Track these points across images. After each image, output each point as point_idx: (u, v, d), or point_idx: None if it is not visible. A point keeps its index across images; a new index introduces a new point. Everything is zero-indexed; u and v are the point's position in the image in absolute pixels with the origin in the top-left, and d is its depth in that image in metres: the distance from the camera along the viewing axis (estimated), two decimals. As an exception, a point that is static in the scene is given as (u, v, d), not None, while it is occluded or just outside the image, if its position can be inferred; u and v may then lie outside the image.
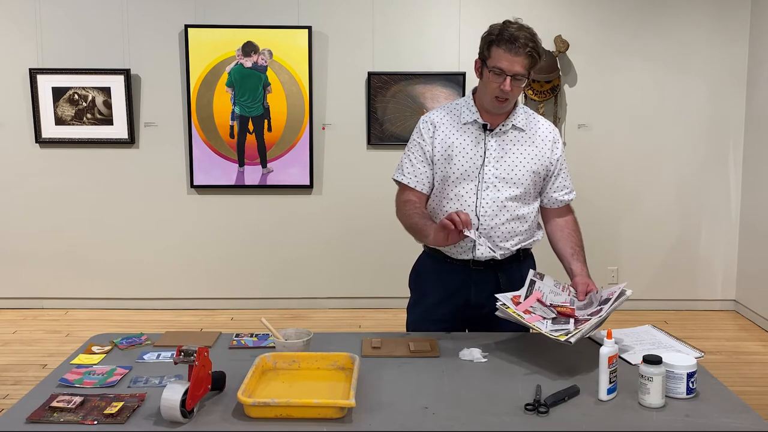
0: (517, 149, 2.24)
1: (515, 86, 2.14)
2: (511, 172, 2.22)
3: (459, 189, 2.22)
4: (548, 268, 2.37)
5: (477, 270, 2.26)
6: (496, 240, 2.23)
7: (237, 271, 4.98)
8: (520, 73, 2.12)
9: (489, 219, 2.21)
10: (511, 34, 2.12)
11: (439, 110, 2.33)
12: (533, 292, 2.09)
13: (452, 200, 2.24)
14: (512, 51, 2.11)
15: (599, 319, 1.97)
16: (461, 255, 2.25)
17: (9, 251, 4.94)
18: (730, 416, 1.66)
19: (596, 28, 4.78)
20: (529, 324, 1.99)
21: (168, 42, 4.76)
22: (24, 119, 4.81)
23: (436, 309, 2.31)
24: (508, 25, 2.17)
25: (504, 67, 2.12)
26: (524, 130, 2.26)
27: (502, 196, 2.22)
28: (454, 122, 2.27)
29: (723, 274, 5.01)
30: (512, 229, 2.25)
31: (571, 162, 4.87)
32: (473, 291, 2.27)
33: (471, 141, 2.23)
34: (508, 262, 2.29)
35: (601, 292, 2.14)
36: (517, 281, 2.25)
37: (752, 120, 4.79)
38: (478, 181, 2.21)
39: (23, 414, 1.66)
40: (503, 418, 1.66)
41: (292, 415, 1.63)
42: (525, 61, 2.12)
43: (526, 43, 2.11)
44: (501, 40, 2.14)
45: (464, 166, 2.22)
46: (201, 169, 4.83)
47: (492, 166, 2.22)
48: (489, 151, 2.22)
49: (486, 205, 2.21)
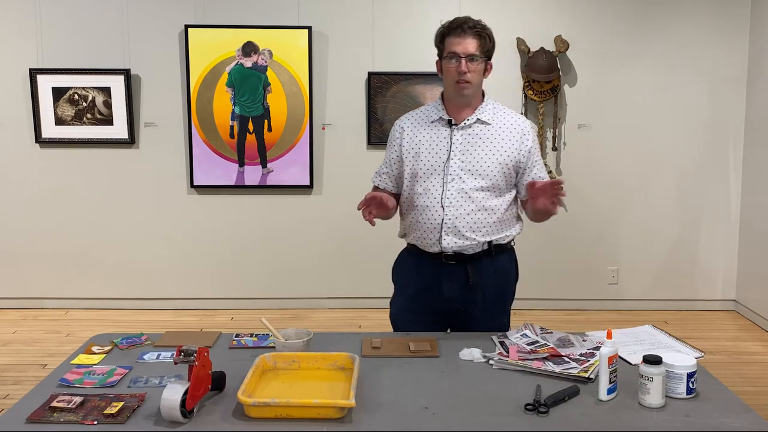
0: (483, 142, 2.30)
1: (472, 68, 2.24)
2: (476, 164, 2.28)
3: (427, 183, 2.30)
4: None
5: (448, 264, 2.31)
6: (461, 230, 2.27)
7: (237, 271, 4.98)
8: (473, 53, 2.24)
9: (454, 209, 2.27)
10: (458, 22, 2.27)
11: (410, 113, 2.46)
12: (509, 347, 2.05)
13: (421, 194, 2.32)
14: (461, 35, 2.25)
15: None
16: (431, 248, 2.31)
17: (9, 251, 4.94)
18: (730, 416, 1.66)
19: (596, 28, 4.78)
20: (536, 369, 1.92)
21: (168, 42, 4.76)
22: (24, 119, 4.81)
23: (414, 302, 2.38)
24: (456, 18, 2.31)
25: (457, 50, 2.25)
26: (490, 124, 2.32)
27: (467, 187, 2.27)
28: (422, 122, 2.38)
29: (723, 275, 5.01)
30: (479, 220, 2.28)
31: (571, 162, 4.91)
32: (445, 285, 2.32)
33: (437, 137, 2.33)
34: (478, 256, 2.32)
35: (585, 336, 2.12)
36: (488, 276, 2.32)
37: (752, 120, 4.79)
38: (444, 174, 2.29)
39: (23, 414, 1.66)
40: (503, 418, 1.66)
41: (292, 415, 1.63)
42: (474, 41, 2.24)
43: (474, 25, 2.25)
44: (449, 30, 2.28)
45: (430, 161, 2.30)
46: (201, 169, 4.83)
47: (458, 159, 2.29)
48: (454, 145, 2.30)
49: (451, 196, 2.27)
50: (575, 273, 4.98)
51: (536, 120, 4.80)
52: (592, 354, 1.97)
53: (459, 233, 2.27)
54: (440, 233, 2.27)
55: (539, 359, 1.95)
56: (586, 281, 5.00)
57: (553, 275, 4.99)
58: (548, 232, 4.96)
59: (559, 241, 4.95)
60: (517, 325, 2.29)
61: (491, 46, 2.29)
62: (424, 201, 2.30)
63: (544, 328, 2.19)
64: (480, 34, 2.24)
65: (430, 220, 2.29)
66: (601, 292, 5.01)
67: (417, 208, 2.32)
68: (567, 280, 4.99)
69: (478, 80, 2.28)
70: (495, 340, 2.13)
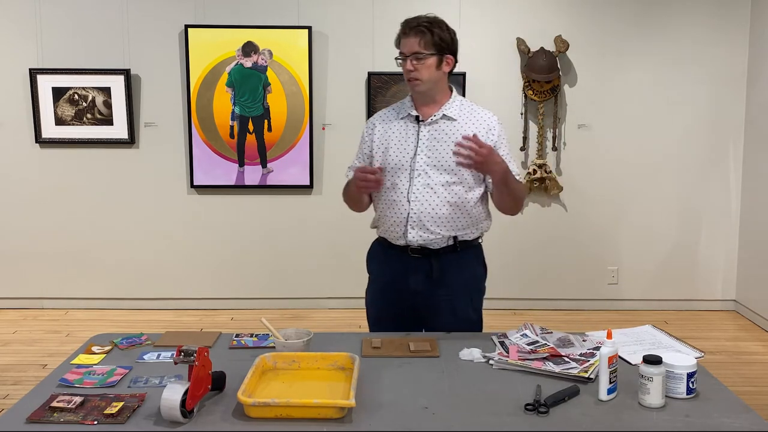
0: (448, 137, 2.32)
1: (418, 65, 2.27)
2: (441, 159, 2.31)
3: (395, 178, 2.35)
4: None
5: (414, 257, 2.35)
6: (426, 224, 2.31)
7: (237, 271, 4.98)
8: (416, 51, 2.27)
9: (419, 204, 2.31)
10: (403, 23, 2.33)
11: (383, 111, 2.51)
12: (509, 347, 2.05)
13: (389, 189, 2.36)
14: (405, 35, 2.30)
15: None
16: (397, 241, 2.36)
17: (9, 251, 4.94)
18: (730, 416, 1.66)
19: (596, 28, 4.78)
20: (536, 369, 1.92)
21: (168, 42, 4.76)
22: (24, 119, 4.81)
23: (384, 292, 2.46)
24: (408, 18, 2.35)
25: (403, 50, 2.31)
26: (456, 120, 2.35)
27: (433, 182, 2.31)
28: (392, 118, 2.43)
29: (723, 275, 5.01)
30: (443, 215, 2.31)
31: (572, 162, 4.91)
32: (411, 277, 2.37)
33: (405, 133, 2.38)
34: (443, 251, 2.35)
35: (585, 336, 2.12)
36: (452, 271, 2.35)
37: (752, 120, 4.79)
38: (411, 169, 2.33)
39: (23, 414, 1.66)
40: (503, 418, 1.66)
41: (292, 415, 1.63)
42: (417, 38, 2.27)
43: (417, 23, 2.29)
44: (400, 32, 2.33)
45: (398, 156, 2.35)
46: (201, 169, 4.83)
47: (424, 155, 2.32)
48: (421, 141, 2.34)
49: (417, 191, 2.31)
50: (575, 273, 4.98)
51: (536, 120, 4.80)
52: (592, 354, 1.97)
53: (424, 227, 2.31)
54: (406, 227, 2.33)
55: (539, 359, 1.95)
56: (586, 281, 5.00)
57: (553, 275, 4.99)
58: (548, 232, 4.96)
59: (559, 241, 4.95)
60: (516, 325, 2.29)
61: (443, 39, 2.29)
62: (391, 195, 2.35)
63: (544, 328, 2.19)
64: (422, 31, 2.26)
65: (397, 214, 2.34)
66: (601, 292, 5.01)
67: (385, 202, 2.38)
68: (567, 280, 4.99)
69: (429, 76, 2.29)
70: (495, 340, 2.13)
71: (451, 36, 2.33)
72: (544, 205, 4.94)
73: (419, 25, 2.27)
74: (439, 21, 2.33)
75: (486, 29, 4.73)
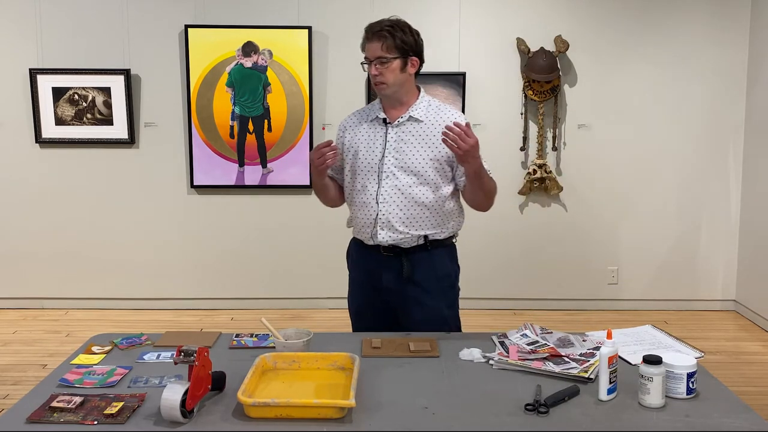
0: (415, 139, 2.35)
1: (382, 69, 2.30)
2: (408, 161, 2.34)
3: (364, 180, 2.39)
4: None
5: (387, 256, 2.39)
6: (395, 225, 2.35)
7: (237, 271, 4.98)
8: (381, 55, 2.29)
9: (387, 205, 2.34)
10: (369, 27, 2.33)
11: (354, 113, 2.53)
12: (509, 347, 2.05)
13: (359, 191, 2.40)
14: (368, 40, 2.32)
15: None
16: (368, 241, 2.41)
17: (9, 251, 4.94)
18: (730, 416, 1.66)
19: (596, 28, 4.78)
20: (536, 369, 1.92)
21: (168, 42, 4.76)
22: (24, 119, 4.81)
23: (361, 289, 2.53)
24: (374, 22, 2.35)
25: (367, 55, 2.33)
26: (422, 121, 2.36)
27: (401, 184, 2.34)
28: (361, 121, 2.46)
29: (723, 274, 5.01)
30: (411, 215, 2.34)
31: (571, 162, 4.91)
32: (384, 275, 2.41)
33: (373, 135, 2.40)
34: (413, 250, 2.38)
35: (585, 336, 2.12)
36: (423, 270, 2.38)
37: (752, 120, 4.79)
38: (379, 171, 2.36)
39: (23, 414, 1.66)
40: (503, 418, 1.66)
41: (292, 415, 1.63)
42: (379, 43, 2.29)
43: (380, 28, 2.30)
44: (363, 38, 2.35)
45: (367, 159, 2.38)
46: (201, 169, 4.83)
47: (392, 156, 2.35)
48: (389, 143, 2.37)
49: (385, 192, 2.35)
50: (575, 273, 4.98)
51: (536, 120, 4.80)
52: (592, 354, 1.97)
53: (392, 227, 2.35)
54: (375, 228, 2.36)
55: (539, 359, 1.95)
56: (586, 281, 5.00)
57: (553, 275, 4.99)
58: (548, 232, 4.96)
59: (559, 241, 4.95)
60: (516, 325, 2.29)
61: (405, 42, 2.30)
62: (361, 198, 2.39)
63: (544, 328, 2.19)
64: (385, 35, 2.28)
65: (366, 215, 2.38)
66: (601, 292, 5.01)
67: (357, 204, 2.42)
68: (567, 280, 4.99)
69: (394, 79, 2.32)
70: (495, 340, 2.13)
71: (414, 38, 2.35)
72: (544, 205, 4.94)
73: (381, 29, 2.29)
74: (402, 24, 2.34)
75: (486, 29, 4.73)
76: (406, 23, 2.35)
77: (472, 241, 4.72)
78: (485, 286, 4.96)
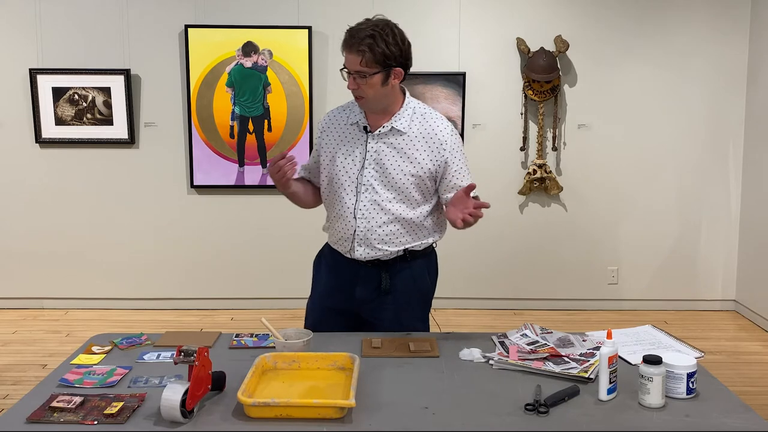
0: (397, 152, 2.22)
1: (361, 83, 2.15)
2: (389, 176, 2.22)
3: (341, 191, 2.27)
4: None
5: (365, 267, 2.30)
6: (373, 242, 2.25)
7: (237, 271, 4.98)
8: (358, 69, 2.13)
9: (365, 221, 2.24)
10: (347, 35, 2.15)
11: (335, 110, 2.39)
12: (509, 347, 2.05)
13: (336, 202, 2.29)
14: (348, 49, 2.14)
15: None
16: (346, 254, 2.31)
17: (9, 251, 4.94)
18: (730, 416, 1.66)
19: (596, 28, 4.78)
20: (536, 369, 1.92)
21: (168, 42, 4.76)
22: (24, 119, 4.81)
23: (328, 298, 2.39)
24: (354, 26, 2.17)
25: (347, 66, 2.16)
26: (405, 133, 2.23)
27: (380, 199, 2.22)
28: (342, 123, 2.32)
29: (723, 274, 5.01)
30: (391, 232, 2.24)
31: (571, 162, 4.91)
32: (358, 288, 2.32)
33: (353, 144, 2.27)
34: (393, 261, 2.29)
35: (585, 336, 2.11)
36: (401, 281, 2.29)
37: (752, 120, 4.79)
38: (358, 183, 2.24)
39: (23, 414, 1.66)
40: (503, 418, 1.66)
41: (292, 415, 1.63)
42: (359, 57, 2.11)
43: (360, 40, 2.10)
44: (343, 42, 2.17)
45: (345, 169, 2.26)
46: (201, 169, 4.83)
47: (371, 169, 2.23)
48: (369, 154, 2.23)
49: (363, 207, 2.23)
50: (575, 273, 4.98)
51: (536, 120, 4.80)
52: (592, 354, 1.97)
53: (371, 245, 2.25)
54: (353, 243, 2.27)
55: (539, 359, 1.95)
56: (586, 281, 5.00)
57: (553, 275, 4.98)
58: (548, 232, 4.96)
59: (559, 241, 4.95)
60: (516, 325, 2.29)
61: (388, 54, 2.11)
62: (338, 209, 2.29)
63: (544, 328, 2.19)
64: (363, 50, 2.09)
65: (344, 229, 2.28)
66: (601, 292, 5.01)
67: (334, 214, 2.32)
68: (567, 280, 4.99)
69: (374, 94, 2.16)
70: (495, 340, 2.13)
71: (399, 46, 2.14)
72: (544, 205, 4.94)
73: (361, 42, 2.09)
74: (385, 32, 2.11)
75: (486, 29, 4.72)
76: (390, 28, 2.14)
77: (472, 241, 4.74)
78: (485, 286, 4.96)
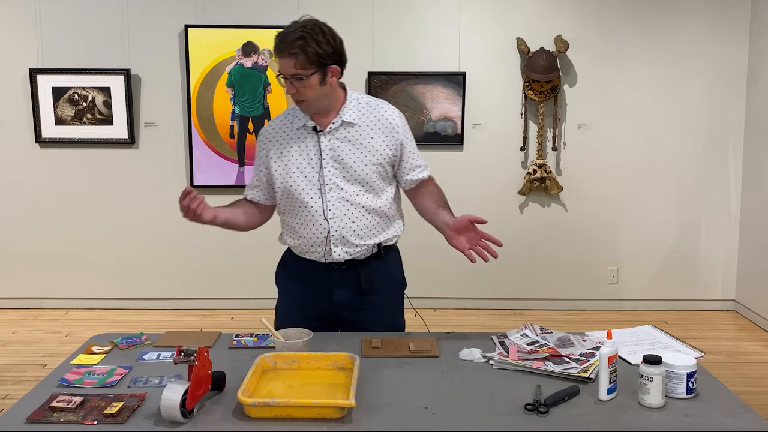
0: (353, 145, 2.19)
1: (299, 87, 2.09)
2: (350, 170, 2.17)
3: (304, 197, 2.19)
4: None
5: (339, 270, 2.24)
6: (350, 239, 2.19)
7: (237, 271, 4.98)
8: (294, 73, 2.07)
9: (338, 220, 2.18)
10: (278, 39, 2.10)
11: (275, 120, 2.30)
12: (509, 347, 2.05)
13: (300, 209, 2.22)
14: (280, 54, 2.09)
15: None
16: (321, 260, 2.24)
17: (9, 251, 4.94)
18: (730, 416, 1.66)
19: (596, 28, 4.78)
20: (536, 369, 1.92)
21: (168, 42, 4.76)
22: (24, 119, 4.81)
23: (304, 310, 2.30)
24: (282, 30, 2.13)
25: (282, 71, 2.11)
26: (356, 124, 2.21)
27: (347, 195, 2.18)
28: (287, 131, 2.24)
29: (723, 274, 5.01)
30: (365, 225, 2.20)
31: (571, 162, 4.91)
32: (336, 292, 2.26)
33: (305, 146, 2.20)
34: (368, 260, 2.25)
35: (585, 336, 2.11)
36: (379, 278, 2.27)
37: (752, 120, 4.79)
38: (321, 184, 2.18)
39: (23, 414, 1.66)
40: (503, 418, 1.66)
41: (292, 415, 1.62)
42: (292, 61, 2.06)
43: (292, 42, 2.06)
44: (274, 48, 2.13)
45: (303, 173, 2.19)
46: (201, 169, 4.83)
47: (331, 167, 2.18)
48: (324, 152, 2.18)
49: (333, 206, 2.18)
50: (575, 273, 4.98)
51: (536, 120, 4.80)
52: (592, 354, 1.97)
53: (348, 242, 2.19)
54: (328, 245, 2.20)
55: (539, 359, 1.95)
56: (586, 281, 5.00)
57: (553, 275, 4.99)
58: (548, 232, 4.96)
59: (559, 241, 4.95)
60: (516, 325, 2.29)
61: (320, 53, 2.09)
62: (305, 215, 2.21)
63: (544, 328, 2.19)
64: (296, 53, 2.05)
65: (315, 234, 2.20)
66: (601, 292, 5.01)
67: (298, 223, 2.24)
68: (567, 280, 4.99)
69: (314, 94, 2.12)
70: (495, 340, 2.13)
71: (331, 44, 2.12)
72: (544, 205, 4.94)
73: (292, 45, 2.05)
74: (315, 31, 2.09)
75: (486, 29, 4.73)
76: (319, 27, 2.11)
77: (472, 241, 4.73)
78: (485, 286, 4.96)
